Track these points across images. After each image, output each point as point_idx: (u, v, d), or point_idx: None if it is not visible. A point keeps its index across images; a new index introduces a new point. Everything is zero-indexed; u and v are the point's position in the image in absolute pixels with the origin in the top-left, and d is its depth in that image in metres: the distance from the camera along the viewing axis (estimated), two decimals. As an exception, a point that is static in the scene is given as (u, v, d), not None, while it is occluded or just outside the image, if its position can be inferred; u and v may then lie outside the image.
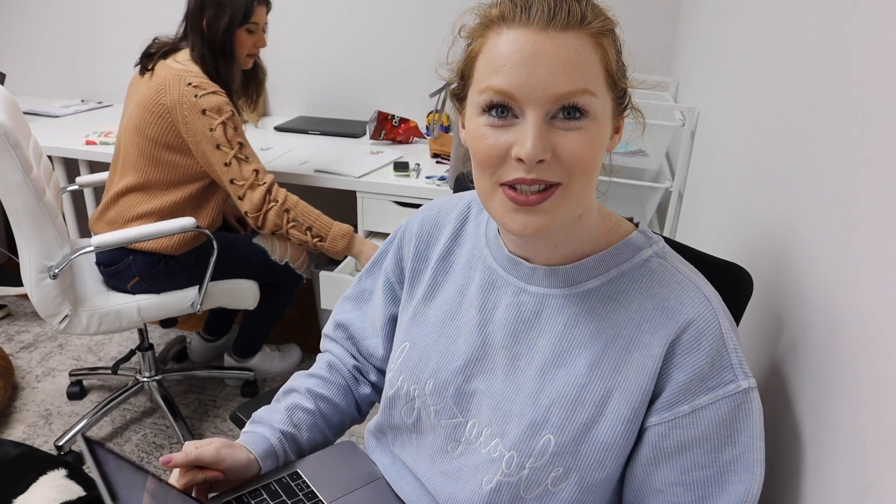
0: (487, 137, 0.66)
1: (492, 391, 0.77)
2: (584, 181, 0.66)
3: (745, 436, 0.68)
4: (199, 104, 1.69)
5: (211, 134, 1.70)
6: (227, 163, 1.73)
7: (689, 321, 0.69)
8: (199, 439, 0.85)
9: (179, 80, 1.70)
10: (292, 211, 1.79)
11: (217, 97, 1.71)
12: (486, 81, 0.65)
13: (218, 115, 1.70)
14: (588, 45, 0.64)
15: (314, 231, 1.82)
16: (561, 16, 0.62)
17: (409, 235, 0.92)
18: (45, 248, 1.61)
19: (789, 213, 0.86)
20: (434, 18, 2.41)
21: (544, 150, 0.63)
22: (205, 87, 1.71)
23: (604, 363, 0.72)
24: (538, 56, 0.62)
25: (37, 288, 1.63)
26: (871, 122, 0.65)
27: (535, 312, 0.76)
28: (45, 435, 1.98)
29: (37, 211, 1.56)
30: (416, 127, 2.37)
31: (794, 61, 0.92)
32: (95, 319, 1.75)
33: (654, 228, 1.87)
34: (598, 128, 0.65)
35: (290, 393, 0.96)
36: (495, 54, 0.65)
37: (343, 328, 1.02)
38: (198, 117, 1.69)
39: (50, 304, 1.66)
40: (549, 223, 0.66)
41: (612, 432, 0.70)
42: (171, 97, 1.70)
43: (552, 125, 0.64)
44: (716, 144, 1.38)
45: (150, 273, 1.79)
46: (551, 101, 0.63)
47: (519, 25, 0.63)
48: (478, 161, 0.68)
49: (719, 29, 1.51)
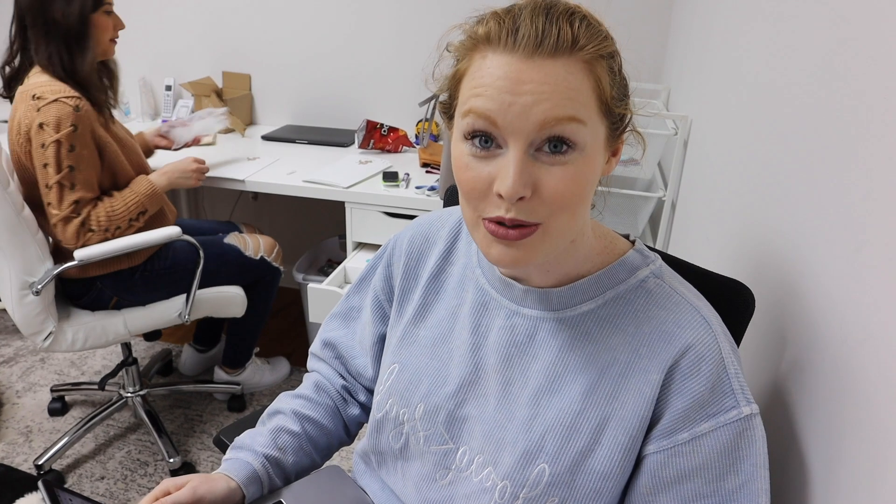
0: (471, 169, 0.63)
1: (484, 417, 0.75)
2: (566, 218, 0.63)
3: (748, 464, 0.66)
4: (37, 117, 1.51)
5: (42, 151, 1.52)
6: (48, 185, 1.54)
7: (688, 345, 0.67)
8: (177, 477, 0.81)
9: (25, 96, 1.54)
10: (112, 226, 1.62)
11: (57, 107, 1.51)
12: (468, 104, 0.62)
13: (54, 130, 1.51)
14: (579, 72, 0.60)
15: (136, 214, 1.67)
16: (549, 42, 0.59)
17: (399, 252, 0.89)
18: (25, 263, 1.56)
19: (790, 224, 0.84)
20: (423, 26, 2.39)
21: (525, 186, 0.60)
22: (46, 97, 1.52)
23: (600, 389, 0.69)
24: (523, 84, 0.59)
25: (18, 305, 1.59)
26: (868, 128, 0.63)
27: (529, 336, 0.74)
28: (25, 453, 1.92)
29: (16, 225, 1.52)
30: (405, 136, 2.35)
31: (788, 67, 0.90)
32: (81, 335, 1.71)
33: (647, 239, 1.85)
34: (587, 160, 0.62)
35: (276, 415, 0.93)
36: (479, 78, 0.62)
37: (331, 347, 0.99)
38: (35, 131, 1.51)
39: (33, 322, 1.62)
40: (529, 259, 0.64)
41: (609, 461, 0.68)
42: (19, 116, 1.54)
43: (536, 158, 0.61)
44: (709, 153, 1.36)
45: (126, 289, 1.75)
46: (535, 129, 0.60)
47: (504, 51, 0.60)
48: (462, 192, 0.66)
49: (711, 36, 1.49)
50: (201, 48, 2.62)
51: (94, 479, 1.85)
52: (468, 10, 0.66)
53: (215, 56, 2.62)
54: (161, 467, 1.90)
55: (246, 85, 2.61)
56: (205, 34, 2.60)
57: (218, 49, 2.61)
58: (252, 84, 2.63)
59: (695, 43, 1.70)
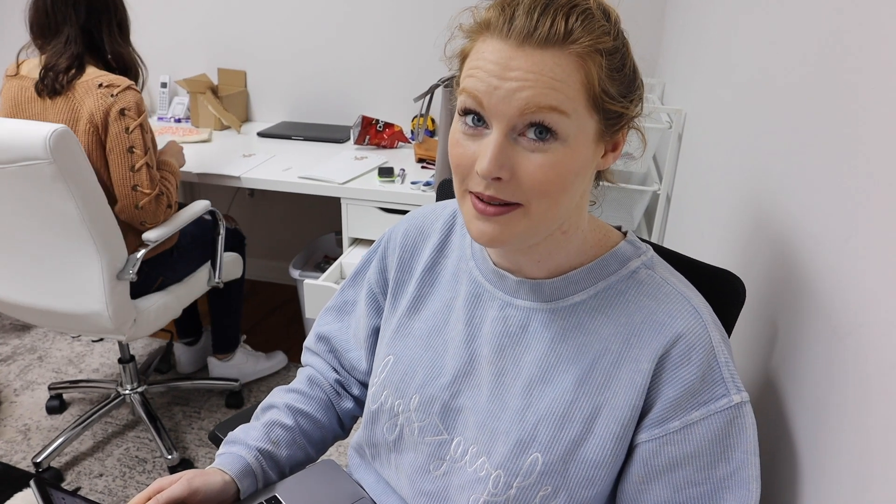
0: (460, 145, 0.66)
1: (478, 408, 0.75)
2: (546, 204, 0.64)
3: (739, 452, 0.66)
4: (117, 103, 1.57)
5: (126, 135, 1.58)
6: (134, 167, 1.61)
7: (679, 335, 0.67)
8: (171, 474, 0.82)
9: (89, 87, 1.58)
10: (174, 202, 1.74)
11: (133, 94, 1.60)
12: (463, 83, 0.65)
13: (136, 115, 1.59)
14: (568, 65, 0.61)
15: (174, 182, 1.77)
16: (540, 33, 0.60)
17: (393, 245, 0.89)
18: (114, 253, 1.59)
19: (782, 216, 0.84)
20: (418, 23, 2.38)
21: (500, 167, 0.62)
22: (117, 84, 1.58)
23: (592, 379, 0.70)
24: (510, 70, 0.61)
25: (111, 297, 1.60)
26: (860, 120, 0.64)
27: (522, 327, 0.74)
28: (24, 451, 1.93)
29: (108, 215, 1.55)
30: (400, 131, 2.34)
31: (781, 60, 0.90)
32: (152, 317, 1.77)
33: (643, 232, 1.86)
34: (569, 151, 0.63)
35: (269, 409, 0.93)
36: (474, 61, 0.64)
37: (325, 340, 0.99)
38: (115, 117, 1.57)
39: (123, 311, 1.65)
40: (506, 236, 0.66)
41: (601, 449, 0.68)
42: (87, 107, 1.57)
43: (518, 143, 0.63)
44: (704, 146, 1.37)
45: (169, 267, 1.83)
46: (516, 114, 0.61)
47: (500, 37, 0.62)
48: (452, 165, 0.68)
49: (705, 29, 1.50)
50: (196, 45, 2.62)
51: (93, 476, 1.86)
52: (461, 7, 0.68)
53: (210, 53, 2.61)
54: (160, 464, 1.91)
55: (241, 81, 2.61)
56: (200, 31, 2.59)
57: (213, 46, 2.60)
58: (247, 80, 2.63)
59: (689, 37, 1.70)
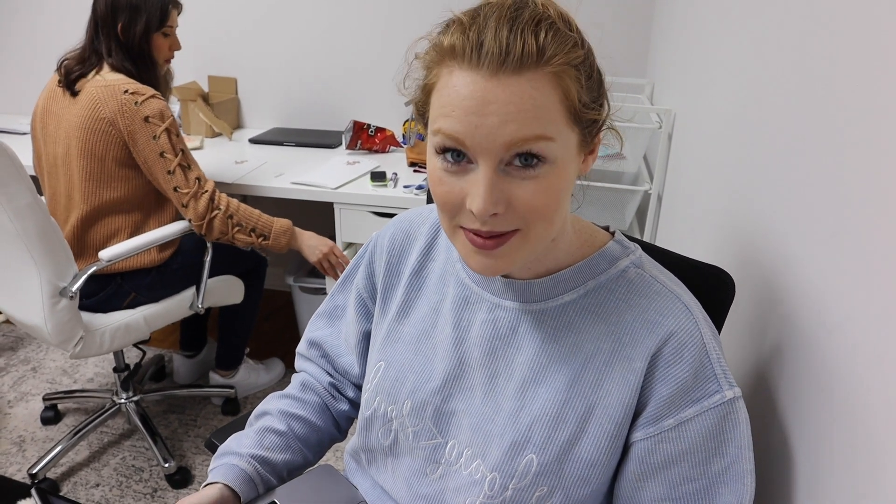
0: (444, 183, 0.63)
1: (471, 411, 0.75)
2: (544, 225, 0.64)
3: (733, 447, 0.67)
4: (141, 111, 1.64)
5: (155, 142, 1.66)
6: (170, 171, 1.69)
7: (670, 333, 0.67)
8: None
9: (113, 91, 1.64)
10: (235, 216, 1.76)
11: (157, 101, 1.67)
12: (437, 123, 0.62)
13: (161, 121, 1.66)
14: (545, 86, 0.59)
15: (258, 231, 1.81)
16: (513, 57, 0.57)
17: (381, 249, 0.89)
18: (56, 268, 1.56)
19: (771, 214, 0.85)
20: (409, 27, 2.39)
21: (496, 203, 0.60)
22: (142, 93, 1.65)
23: (584, 378, 0.70)
24: (488, 105, 0.58)
25: (51, 313, 1.58)
26: (849, 118, 0.64)
27: (512, 328, 0.74)
28: (19, 463, 1.92)
29: (49, 231, 1.53)
30: (392, 136, 2.35)
31: (771, 60, 0.91)
32: (107, 337, 1.73)
33: (634, 232, 1.86)
34: (559, 172, 0.62)
35: (262, 416, 0.93)
36: (446, 97, 0.61)
37: (317, 346, 0.99)
38: (140, 125, 1.64)
39: (65, 329, 1.62)
40: (509, 265, 0.65)
41: (596, 449, 0.69)
42: (109, 109, 1.63)
43: (507, 173, 0.61)
44: (693, 146, 1.37)
45: (145, 286, 1.80)
46: (502, 149, 0.59)
47: (469, 67, 0.59)
48: (437, 204, 0.66)
49: (694, 29, 1.50)
50: (186, 52, 2.59)
51: (90, 486, 1.85)
52: (449, 9, 0.65)
53: (201, 60, 2.61)
54: (156, 472, 1.90)
55: (232, 88, 2.61)
56: (189, 38, 2.58)
57: (203, 53, 2.60)
58: (238, 87, 2.63)
59: (678, 37, 1.71)
